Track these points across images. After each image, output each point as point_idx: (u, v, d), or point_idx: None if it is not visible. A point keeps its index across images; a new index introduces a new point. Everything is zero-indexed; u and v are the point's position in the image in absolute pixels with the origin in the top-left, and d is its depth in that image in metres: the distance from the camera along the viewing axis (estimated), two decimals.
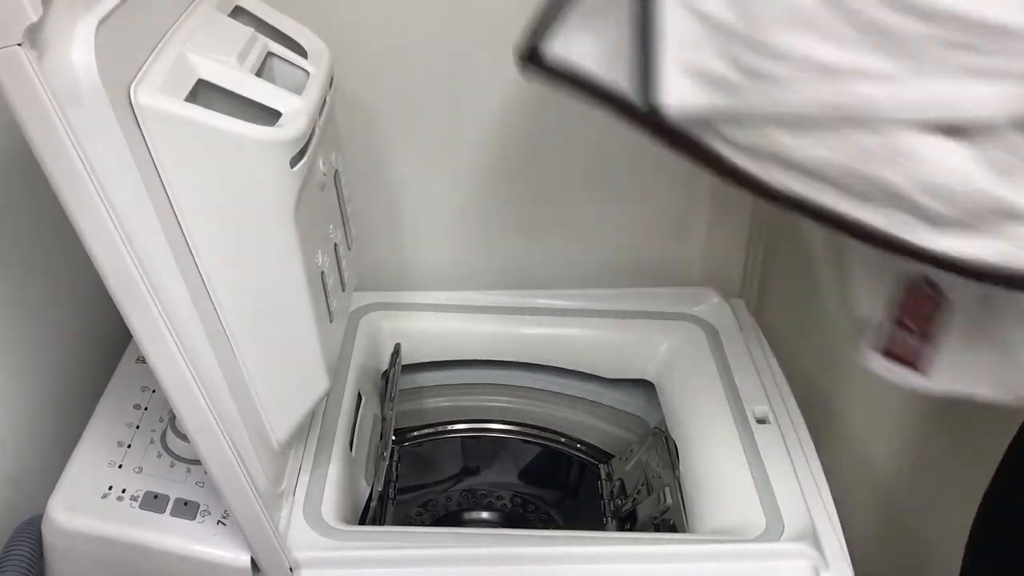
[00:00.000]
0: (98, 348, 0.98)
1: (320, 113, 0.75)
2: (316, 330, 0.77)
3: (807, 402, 0.99)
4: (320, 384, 0.81)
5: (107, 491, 0.79)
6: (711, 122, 0.55)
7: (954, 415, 1.00)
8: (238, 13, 0.81)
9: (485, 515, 1.20)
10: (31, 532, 0.78)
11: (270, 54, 0.77)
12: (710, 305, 1.13)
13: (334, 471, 0.89)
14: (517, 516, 1.20)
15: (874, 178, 0.52)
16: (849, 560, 0.81)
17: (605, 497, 1.10)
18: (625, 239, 1.18)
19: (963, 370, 0.66)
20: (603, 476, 1.13)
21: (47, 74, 0.51)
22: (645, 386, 1.13)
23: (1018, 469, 0.78)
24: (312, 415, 0.92)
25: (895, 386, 0.69)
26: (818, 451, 0.92)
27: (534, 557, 0.82)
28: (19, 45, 0.49)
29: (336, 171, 0.85)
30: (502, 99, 1.06)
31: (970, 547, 0.86)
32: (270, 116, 0.68)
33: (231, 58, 0.69)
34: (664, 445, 1.02)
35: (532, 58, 0.59)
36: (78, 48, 0.54)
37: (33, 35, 0.50)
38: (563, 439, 1.18)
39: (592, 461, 1.16)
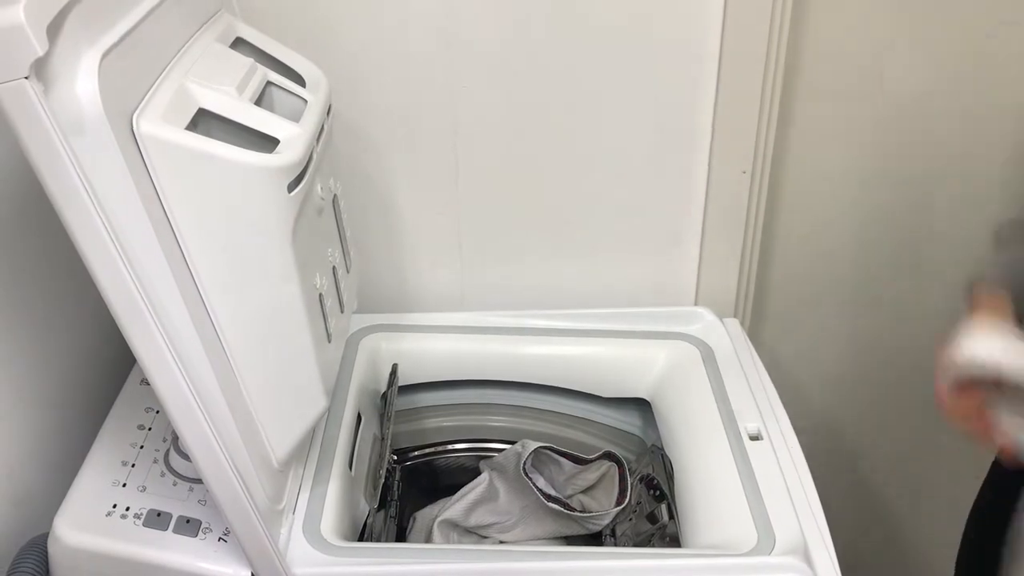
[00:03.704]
0: (103, 370, 1.00)
1: (318, 140, 0.76)
2: (314, 351, 0.78)
3: (799, 418, 1.00)
4: (318, 404, 0.83)
5: (111, 509, 0.80)
6: None
7: (943, 429, 1.01)
8: (238, 44, 0.83)
9: None
10: (37, 549, 0.79)
11: (269, 83, 0.79)
12: (704, 324, 1.15)
13: (333, 489, 0.90)
14: None
15: None
16: (840, 573, 0.82)
17: None
18: (621, 260, 1.19)
19: None
20: None
21: (52, 105, 0.53)
22: (641, 405, 1.14)
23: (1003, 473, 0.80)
24: (312, 435, 0.93)
25: (887, 402, 0.71)
26: (809, 466, 0.93)
27: (532, 572, 0.83)
28: (26, 78, 0.51)
29: (335, 196, 0.87)
30: (499, 123, 1.08)
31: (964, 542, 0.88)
32: (268, 143, 0.70)
33: (231, 88, 0.71)
34: (660, 462, 1.03)
35: None
36: (82, 80, 0.56)
37: (39, 68, 0.52)
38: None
39: None
